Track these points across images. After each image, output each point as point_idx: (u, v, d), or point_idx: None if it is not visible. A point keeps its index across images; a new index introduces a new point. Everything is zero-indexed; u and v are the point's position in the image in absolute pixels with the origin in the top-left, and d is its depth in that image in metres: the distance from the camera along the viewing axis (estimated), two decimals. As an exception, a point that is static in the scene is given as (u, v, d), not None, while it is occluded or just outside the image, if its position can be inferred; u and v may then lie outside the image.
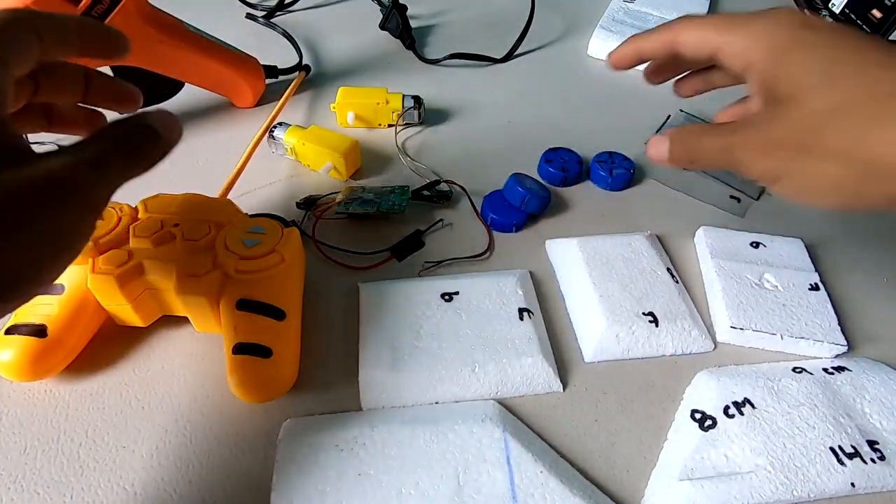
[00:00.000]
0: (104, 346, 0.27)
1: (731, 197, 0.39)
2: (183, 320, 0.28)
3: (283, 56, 0.47)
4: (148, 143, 0.20)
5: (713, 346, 0.30)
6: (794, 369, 0.28)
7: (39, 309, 0.25)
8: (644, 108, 0.46)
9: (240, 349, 0.24)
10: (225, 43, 0.40)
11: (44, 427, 0.25)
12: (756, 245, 0.34)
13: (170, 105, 0.40)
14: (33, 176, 0.16)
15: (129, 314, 0.27)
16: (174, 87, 0.39)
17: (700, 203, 0.38)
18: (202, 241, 0.26)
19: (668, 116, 0.45)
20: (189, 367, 0.27)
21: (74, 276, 0.26)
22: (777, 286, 0.31)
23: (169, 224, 0.27)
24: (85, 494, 0.23)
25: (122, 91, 0.24)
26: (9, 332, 0.25)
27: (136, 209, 0.28)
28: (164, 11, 0.36)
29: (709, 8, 0.59)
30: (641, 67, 0.51)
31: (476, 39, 0.53)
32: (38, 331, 0.25)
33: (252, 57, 0.42)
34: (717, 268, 0.32)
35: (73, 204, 0.17)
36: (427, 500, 0.22)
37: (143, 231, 0.26)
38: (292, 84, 0.43)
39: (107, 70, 0.36)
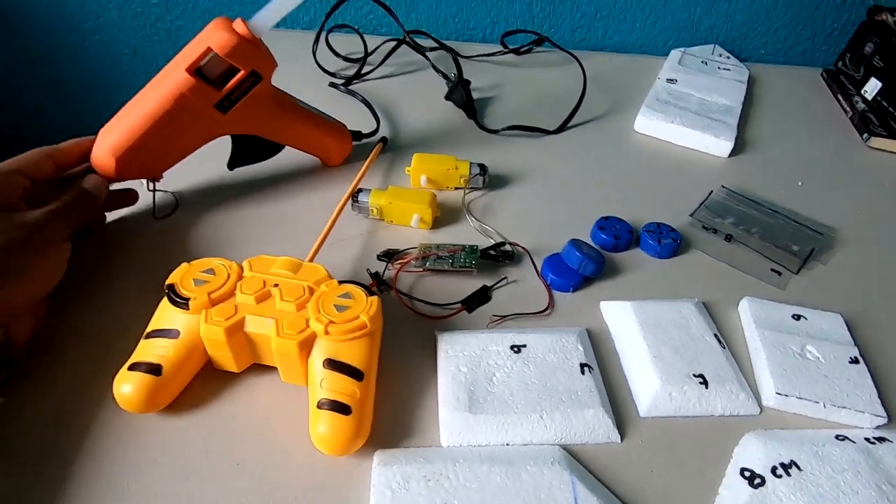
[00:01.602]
0: (202, 386, 0.31)
1: (772, 270, 0.42)
2: (270, 368, 0.31)
3: (357, 118, 0.53)
4: (87, 200, 0.36)
5: (759, 409, 0.32)
6: (836, 437, 0.30)
7: (157, 350, 0.29)
8: (688, 182, 0.50)
9: (324, 405, 0.27)
10: (324, 113, 0.46)
11: (146, 455, 0.29)
12: (797, 317, 0.36)
13: (270, 164, 0.46)
14: (24, 220, 0.31)
15: (227, 360, 0.31)
16: (277, 148, 0.45)
17: (742, 274, 0.42)
18: (297, 302, 0.30)
19: (711, 192, 0.49)
20: (276, 406, 0.31)
21: (188, 324, 0.30)
22: (819, 357, 0.34)
23: (269, 284, 0.31)
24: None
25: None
26: (131, 368, 0.29)
27: (241, 268, 0.32)
28: (282, 91, 0.42)
29: (746, 92, 0.64)
30: (686, 143, 0.56)
31: (529, 112, 0.59)
32: (155, 369, 0.29)
33: (343, 125, 0.48)
34: (762, 337, 0.35)
35: (39, 237, 0.31)
36: (505, 531, 0.25)
37: (248, 288, 0.30)
38: (371, 154, 0.48)
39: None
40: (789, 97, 0.67)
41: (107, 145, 0.37)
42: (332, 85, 0.61)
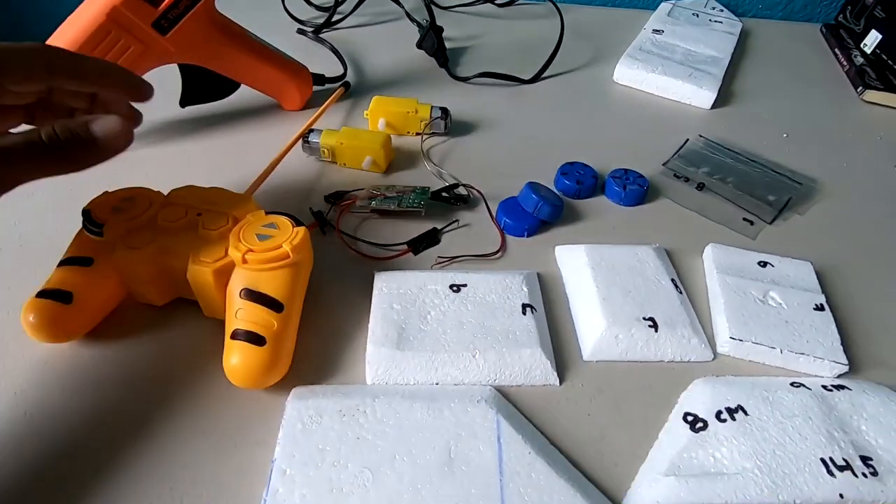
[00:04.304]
0: (122, 318, 0.30)
1: (745, 220, 0.39)
2: (195, 303, 0.30)
3: (327, 67, 0.51)
4: (81, 148, 0.23)
5: (712, 356, 0.30)
6: (791, 384, 0.28)
7: (69, 277, 0.27)
8: (665, 132, 0.48)
9: (237, 335, 0.26)
10: (281, 51, 0.44)
11: (62, 384, 0.27)
12: (764, 264, 0.34)
13: (225, 103, 0.44)
14: None
15: (146, 291, 0.29)
16: (231, 86, 0.43)
17: (712, 223, 0.39)
18: (219, 231, 0.28)
19: (686, 140, 0.46)
20: (199, 343, 0.29)
21: (102, 251, 0.28)
22: (781, 303, 0.32)
23: (193, 213, 0.29)
24: (121, 438, 0.25)
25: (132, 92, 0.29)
26: (39, 295, 0.27)
27: (167, 197, 0.31)
28: (230, 19, 0.40)
29: (737, 45, 0.60)
30: (667, 93, 0.53)
31: (506, 62, 0.56)
32: (65, 296, 0.27)
33: (303, 65, 0.46)
34: (721, 282, 0.33)
35: None
36: (418, 467, 0.23)
37: (170, 217, 0.29)
38: (331, 97, 0.46)
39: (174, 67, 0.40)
40: (784, 52, 0.63)
41: None
42: (301, 31, 0.58)
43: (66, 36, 0.35)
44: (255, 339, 0.26)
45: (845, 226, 0.40)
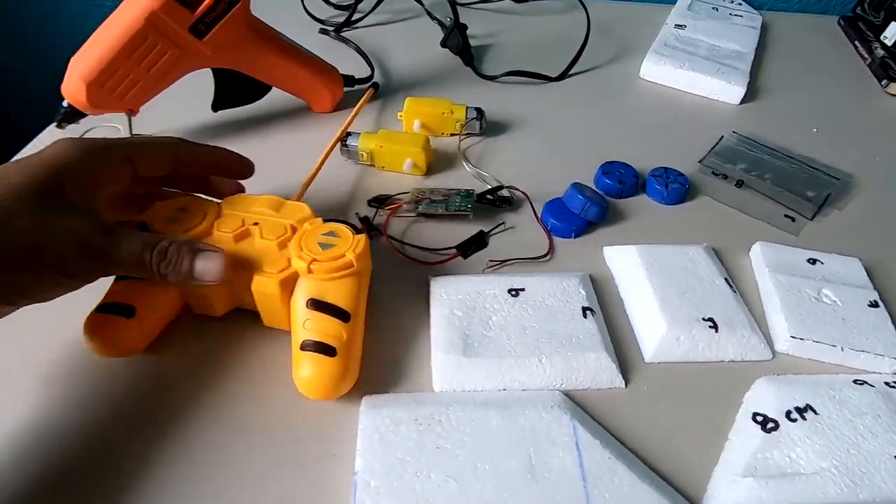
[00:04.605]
0: (181, 331, 0.29)
1: (786, 216, 0.39)
2: (254, 313, 0.29)
3: (350, 68, 0.50)
4: (176, 271, 0.25)
5: (772, 355, 0.30)
6: (854, 381, 0.28)
7: (129, 290, 0.27)
8: (697, 128, 0.48)
9: (307, 346, 0.25)
10: (312, 53, 0.43)
11: (123, 400, 0.27)
12: (813, 262, 0.34)
13: (256, 107, 0.43)
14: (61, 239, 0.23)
15: (204, 303, 0.29)
16: (263, 89, 0.42)
17: (753, 220, 0.39)
18: (279, 240, 0.28)
19: (721, 137, 0.46)
20: (261, 354, 0.29)
21: None
22: (836, 301, 0.32)
23: (249, 222, 0.29)
24: (184, 448, 0.25)
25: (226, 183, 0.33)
26: (100, 310, 0.26)
27: (220, 206, 0.30)
28: (264, 22, 0.40)
29: (759, 37, 0.60)
30: (695, 89, 0.53)
31: (529, 58, 0.55)
32: (127, 310, 0.26)
33: (334, 67, 0.45)
34: (775, 281, 0.33)
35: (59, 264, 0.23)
36: (500, 476, 0.23)
37: (226, 227, 0.28)
38: (362, 99, 0.45)
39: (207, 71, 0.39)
40: (804, 45, 0.63)
41: (77, 72, 0.35)
42: (323, 31, 0.57)
43: (103, 41, 0.34)
44: (325, 349, 0.25)
45: (885, 220, 0.40)
